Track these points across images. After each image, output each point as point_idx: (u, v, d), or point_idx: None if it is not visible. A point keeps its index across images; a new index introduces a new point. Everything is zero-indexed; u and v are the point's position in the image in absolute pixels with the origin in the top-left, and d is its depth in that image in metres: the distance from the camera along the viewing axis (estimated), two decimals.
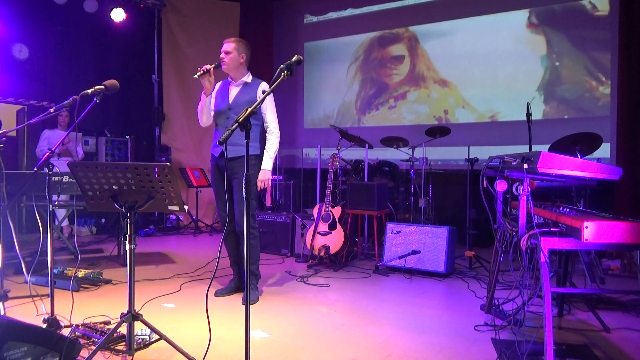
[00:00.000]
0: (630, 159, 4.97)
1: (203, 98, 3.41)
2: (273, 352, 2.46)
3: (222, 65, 3.38)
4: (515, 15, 5.96)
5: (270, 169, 3.43)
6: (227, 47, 3.40)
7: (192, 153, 7.71)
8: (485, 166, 2.53)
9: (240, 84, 3.46)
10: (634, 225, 1.96)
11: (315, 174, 5.97)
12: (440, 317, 3.09)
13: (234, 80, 3.48)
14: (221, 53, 3.41)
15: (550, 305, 2.05)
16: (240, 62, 3.42)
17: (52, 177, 2.54)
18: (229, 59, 3.38)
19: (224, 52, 3.39)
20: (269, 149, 3.42)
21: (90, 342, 2.47)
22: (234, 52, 3.38)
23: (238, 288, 3.53)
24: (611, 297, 3.40)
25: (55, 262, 4.09)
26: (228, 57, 3.38)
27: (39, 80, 6.42)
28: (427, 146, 5.48)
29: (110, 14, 6.73)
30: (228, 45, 3.40)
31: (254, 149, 3.40)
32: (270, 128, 3.45)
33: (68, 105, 2.55)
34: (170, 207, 2.31)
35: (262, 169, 3.40)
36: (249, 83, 3.46)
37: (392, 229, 4.42)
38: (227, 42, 3.43)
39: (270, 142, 3.43)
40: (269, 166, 3.42)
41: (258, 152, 3.43)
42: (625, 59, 5.07)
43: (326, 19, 7.58)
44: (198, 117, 3.50)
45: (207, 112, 3.46)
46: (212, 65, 3.30)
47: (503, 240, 2.67)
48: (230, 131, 1.89)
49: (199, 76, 3.27)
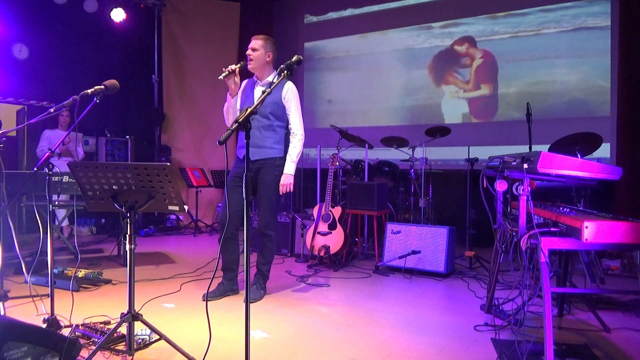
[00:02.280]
0: (630, 159, 4.97)
1: (229, 99, 3.34)
2: (273, 352, 2.46)
3: (248, 63, 3.30)
4: (515, 15, 5.96)
5: (292, 173, 3.35)
6: (254, 44, 3.31)
7: (192, 153, 7.71)
8: (485, 166, 2.53)
9: (265, 84, 3.37)
10: (634, 225, 1.96)
11: (315, 174, 5.97)
12: (440, 317, 3.09)
13: (259, 80, 3.40)
14: (248, 49, 3.33)
15: (550, 305, 2.05)
16: (267, 61, 3.34)
17: (52, 177, 2.54)
18: (256, 56, 3.30)
19: (251, 48, 3.31)
20: (291, 153, 3.35)
21: (90, 342, 2.47)
22: (260, 49, 3.30)
23: (227, 291, 3.45)
24: (611, 297, 3.40)
25: (55, 262, 4.09)
26: (254, 55, 3.30)
27: (39, 80, 6.42)
28: (427, 146, 5.48)
29: (110, 14, 6.72)
30: (255, 42, 3.32)
31: (278, 151, 3.35)
32: (293, 130, 3.38)
33: (68, 105, 2.55)
34: (170, 207, 2.31)
35: (285, 173, 3.34)
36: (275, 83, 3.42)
37: (392, 229, 4.42)
38: (254, 39, 3.35)
39: (293, 144, 3.37)
40: (292, 170, 3.35)
41: (282, 155, 3.37)
42: (625, 59, 5.07)
43: (326, 19, 7.58)
44: (224, 117, 3.43)
45: (234, 112, 3.38)
46: (238, 65, 3.21)
47: (503, 240, 2.67)
48: (230, 131, 1.88)
49: (225, 77, 3.17)
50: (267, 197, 3.37)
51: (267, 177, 3.34)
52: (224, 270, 3.49)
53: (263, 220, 3.40)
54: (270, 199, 3.37)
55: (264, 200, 3.37)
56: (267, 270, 3.51)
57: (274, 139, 3.36)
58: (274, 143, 3.36)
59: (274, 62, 3.40)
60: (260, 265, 3.49)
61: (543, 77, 5.78)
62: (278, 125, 3.38)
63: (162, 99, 7.49)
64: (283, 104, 3.37)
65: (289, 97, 3.37)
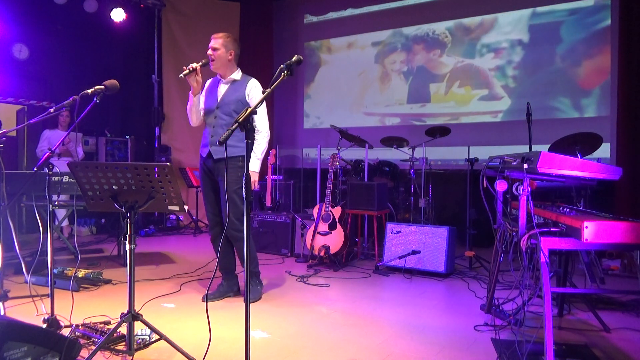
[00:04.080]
0: (630, 159, 4.97)
1: (191, 98, 3.31)
2: (273, 352, 2.46)
3: (210, 64, 3.26)
4: (515, 16, 5.97)
5: (257, 170, 3.29)
6: (214, 43, 3.27)
7: (192, 153, 7.70)
8: (485, 166, 2.53)
9: (229, 81, 3.36)
10: (634, 225, 1.96)
11: (315, 174, 5.97)
12: (440, 317, 3.09)
13: (222, 78, 3.38)
14: (208, 49, 3.29)
15: (550, 305, 2.05)
16: (229, 59, 3.30)
17: (52, 177, 2.54)
18: (217, 56, 3.25)
19: (211, 48, 3.27)
20: (256, 150, 3.28)
21: (90, 342, 2.47)
22: (221, 48, 3.26)
23: (227, 293, 3.44)
24: (611, 297, 3.40)
25: (55, 262, 4.09)
26: (216, 54, 3.25)
27: (39, 80, 6.42)
28: (427, 146, 5.48)
29: (110, 14, 6.72)
30: (215, 41, 3.27)
31: (241, 149, 3.24)
32: (258, 127, 3.30)
33: (68, 105, 2.55)
34: (170, 207, 2.31)
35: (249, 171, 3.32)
36: (238, 80, 3.35)
37: (392, 229, 4.42)
38: (214, 37, 3.29)
39: (257, 142, 3.29)
40: (256, 167, 3.29)
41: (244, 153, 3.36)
42: (625, 59, 5.07)
43: (326, 19, 7.58)
44: (188, 117, 3.42)
45: (196, 111, 3.38)
46: (199, 63, 3.17)
47: (503, 240, 2.67)
48: (230, 131, 1.87)
49: (185, 75, 3.14)
50: (230, 197, 3.23)
51: (229, 176, 3.26)
52: (222, 271, 3.49)
53: (230, 223, 3.22)
54: (234, 199, 3.24)
55: (229, 201, 3.19)
56: (255, 266, 3.45)
57: (236, 137, 3.18)
58: (236, 141, 3.24)
59: (236, 58, 3.36)
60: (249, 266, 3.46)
61: (543, 77, 5.78)
62: None
63: (162, 99, 7.50)
64: (247, 101, 3.31)
65: (253, 94, 3.32)
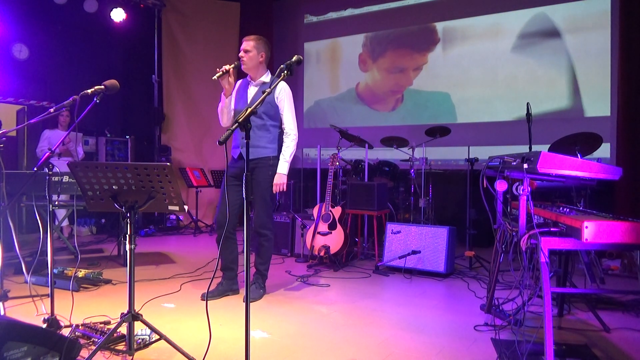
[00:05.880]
0: (630, 159, 4.97)
1: (223, 99, 3.35)
2: (273, 352, 2.46)
3: (242, 65, 3.33)
4: (515, 16, 5.97)
5: (285, 172, 3.37)
6: (246, 45, 3.34)
7: (192, 153, 7.71)
8: (485, 166, 2.53)
9: (259, 83, 3.41)
10: (634, 225, 1.96)
11: (315, 174, 5.96)
12: (440, 317, 3.09)
13: (252, 80, 3.43)
14: (240, 51, 3.36)
15: (550, 305, 2.05)
16: (260, 61, 3.37)
17: (52, 177, 2.54)
18: (248, 58, 3.32)
19: (243, 50, 3.34)
20: (284, 153, 3.37)
21: (90, 342, 2.47)
22: (253, 50, 3.32)
23: (226, 291, 3.46)
24: (611, 297, 3.40)
25: (55, 262, 4.09)
26: (247, 56, 3.32)
27: (39, 80, 6.43)
28: (427, 146, 5.48)
29: (110, 14, 6.73)
30: (247, 43, 3.34)
31: (272, 150, 3.37)
32: (287, 130, 3.40)
33: (68, 105, 2.55)
34: (170, 207, 2.31)
35: (278, 173, 3.35)
36: (267, 83, 3.41)
37: (392, 229, 4.42)
38: (246, 40, 3.37)
39: (286, 144, 3.39)
40: (285, 170, 3.36)
41: (275, 154, 3.40)
42: (625, 59, 5.07)
43: (326, 19, 7.58)
44: (219, 117, 3.45)
45: (228, 112, 3.41)
46: (232, 65, 3.22)
47: (503, 240, 2.67)
48: (230, 131, 1.88)
49: (218, 77, 3.18)
50: (261, 196, 3.38)
51: (260, 176, 3.36)
52: (223, 270, 3.50)
53: (259, 220, 3.41)
54: (265, 199, 3.39)
55: (258, 200, 3.38)
56: (266, 270, 3.52)
57: (267, 139, 3.38)
58: (267, 142, 3.38)
59: (267, 61, 3.43)
60: (259, 265, 3.50)
61: (543, 77, 5.78)
62: (271, 125, 3.40)
63: (162, 99, 7.49)
64: (276, 104, 3.40)
65: (282, 97, 3.40)
